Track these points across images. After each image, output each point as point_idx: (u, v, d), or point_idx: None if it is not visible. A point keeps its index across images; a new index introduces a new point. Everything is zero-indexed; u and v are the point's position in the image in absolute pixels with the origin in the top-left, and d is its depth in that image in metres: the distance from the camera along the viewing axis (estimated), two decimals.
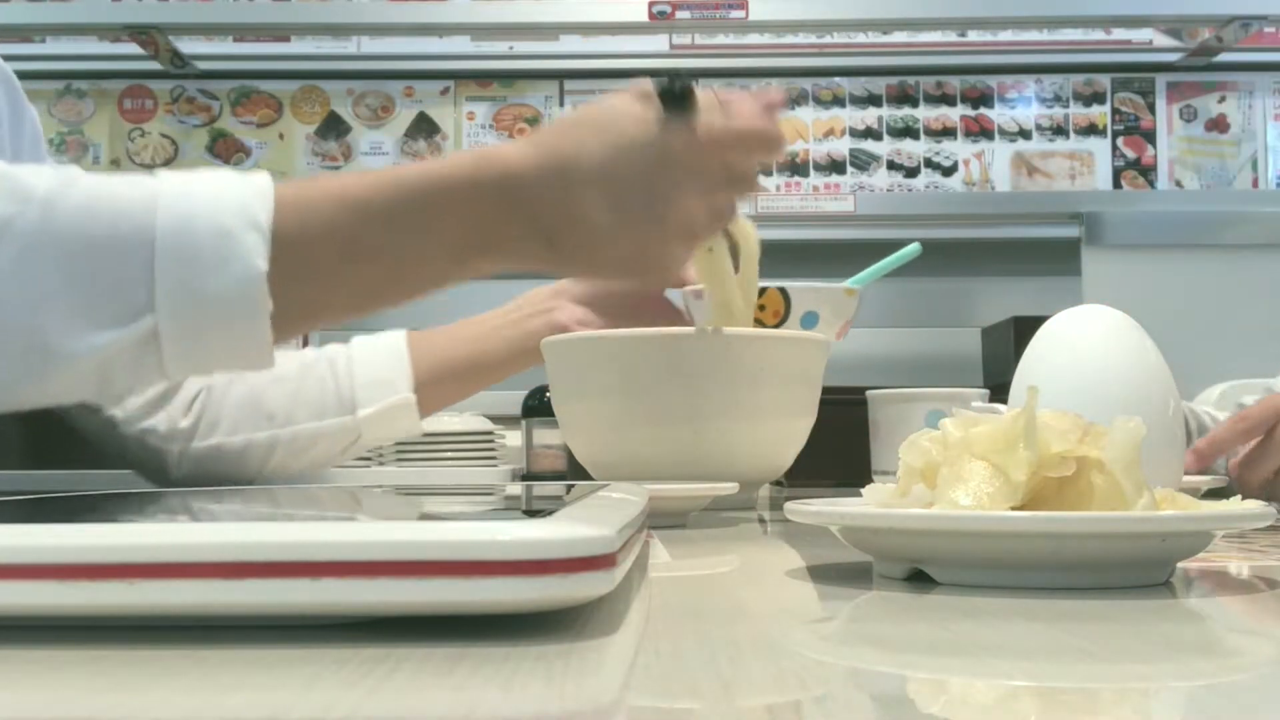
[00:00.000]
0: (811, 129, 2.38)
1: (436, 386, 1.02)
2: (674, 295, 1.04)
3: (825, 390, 0.92)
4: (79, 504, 0.45)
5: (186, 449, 0.98)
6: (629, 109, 0.73)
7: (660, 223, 0.73)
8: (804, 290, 0.93)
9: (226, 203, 0.63)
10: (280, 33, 2.34)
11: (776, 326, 0.93)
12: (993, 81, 2.38)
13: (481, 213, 0.70)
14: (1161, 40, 2.33)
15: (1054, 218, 2.20)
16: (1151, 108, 2.37)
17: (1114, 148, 2.36)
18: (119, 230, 0.62)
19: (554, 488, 0.72)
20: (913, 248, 1.02)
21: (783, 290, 0.92)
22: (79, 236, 0.62)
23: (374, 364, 1.02)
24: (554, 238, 0.72)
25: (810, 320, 0.94)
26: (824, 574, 0.47)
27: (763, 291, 0.93)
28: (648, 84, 0.75)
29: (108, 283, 0.62)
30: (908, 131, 2.37)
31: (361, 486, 0.97)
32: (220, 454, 0.98)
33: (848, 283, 0.97)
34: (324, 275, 0.67)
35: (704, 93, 0.74)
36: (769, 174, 2.37)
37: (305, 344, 1.29)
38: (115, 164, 2.35)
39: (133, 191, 0.63)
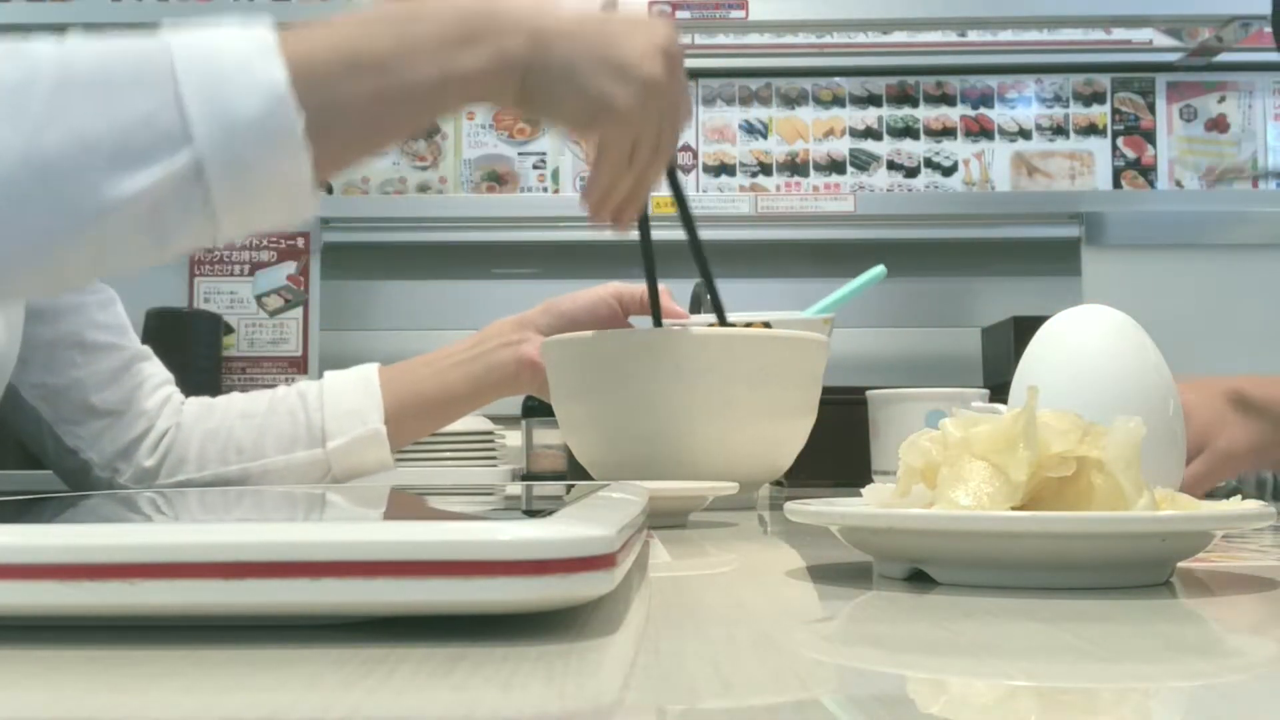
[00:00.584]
0: (811, 129, 2.38)
1: (405, 420, 1.03)
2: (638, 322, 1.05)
3: (825, 390, 0.92)
4: (79, 504, 0.46)
5: (154, 487, 0.99)
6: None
7: (634, 74, 0.74)
8: (786, 322, 0.94)
9: (236, 38, 0.65)
10: None
11: None
12: (993, 81, 2.38)
13: (460, 21, 0.70)
14: (1161, 40, 2.33)
15: (1054, 218, 2.20)
16: (1151, 108, 2.37)
17: (1114, 148, 2.36)
18: (140, 71, 0.63)
19: (554, 488, 0.72)
20: (878, 270, 1.03)
21: (766, 325, 0.93)
22: (102, 82, 0.62)
23: (345, 396, 1.02)
24: (535, 42, 0.73)
25: None
26: (824, 574, 0.47)
27: (747, 326, 0.94)
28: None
29: (140, 119, 0.62)
30: (908, 131, 2.37)
31: (361, 487, 0.97)
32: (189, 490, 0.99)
33: (816, 311, 0.98)
34: (335, 88, 0.67)
35: None
36: (769, 174, 2.37)
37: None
38: None
39: (141, 39, 0.64)
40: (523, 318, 1.06)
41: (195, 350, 1.97)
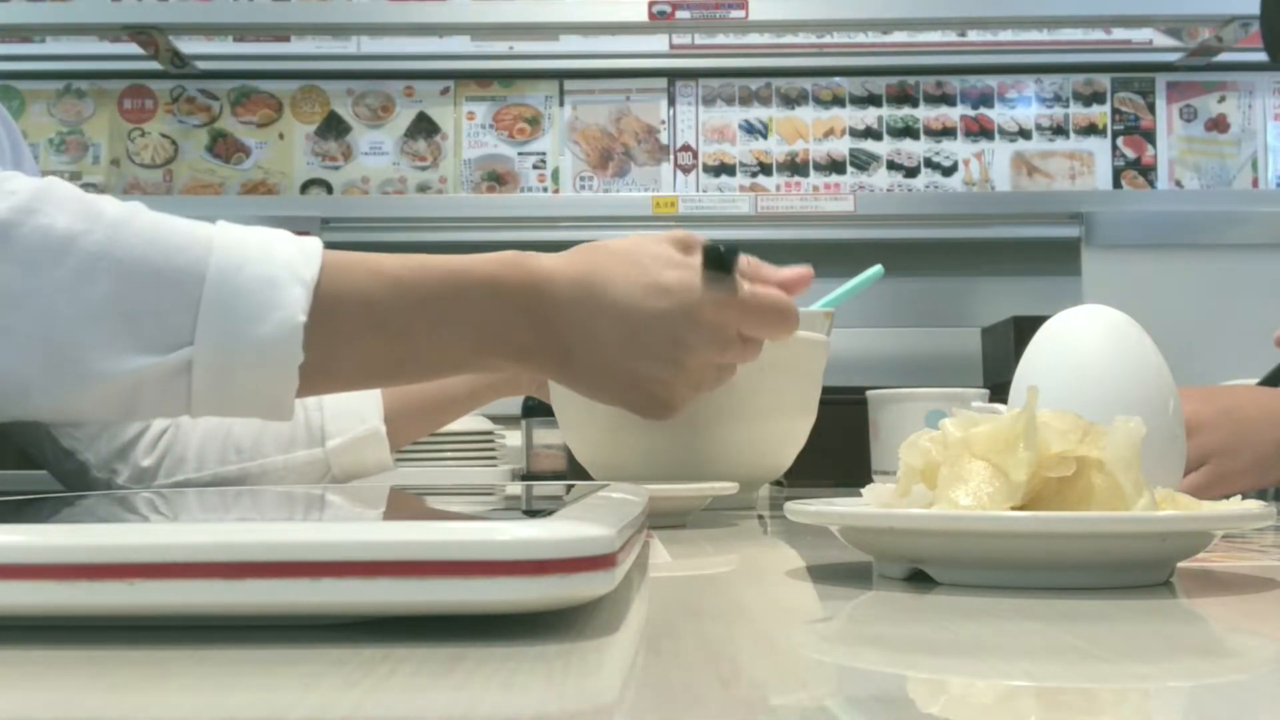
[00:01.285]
0: (811, 129, 2.38)
1: (404, 420, 1.03)
2: None
3: (825, 390, 0.92)
4: (78, 504, 0.45)
5: (152, 487, 0.99)
6: (668, 254, 0.76)
7: (674, 371, 0.75)
8: None
9: (277, 255, 0.66)
10: (280, 33, 2.34)
11: None
12: (993, 81, 2.38)
13: (500, 314, 0.72)
14: (1161, 40, 2.33)
15: (1054, 218, 2.20)
16: (1151, 108, 2.37)
17: (1114, 148, 2.36)
18: (174, 263, 0.64)
19: (554, 488, 0.72)
20: (875, 270, 1.03)
21: None
22: (137, 262, 0.63)
23: (344, 397, 1.02)
24: (568, 355, 0.74)
25: None
26: (824, 574, 0.47)
27: None
28: (688, 234, 0.78)
29: (155, 310, 0.64)
30: (908, 131, 2.37)
31: (361, 487, 0.97)
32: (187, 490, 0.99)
33: (820, 305, 0.98)
34: (352, 342, 0.69)
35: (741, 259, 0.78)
36: (769, 174, 2.37)
37: None
38: (115, 164, 2.35)
39: (191, 230, 0.66)
40: None
41: None
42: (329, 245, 0.70)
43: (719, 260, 0.75)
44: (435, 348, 0.72)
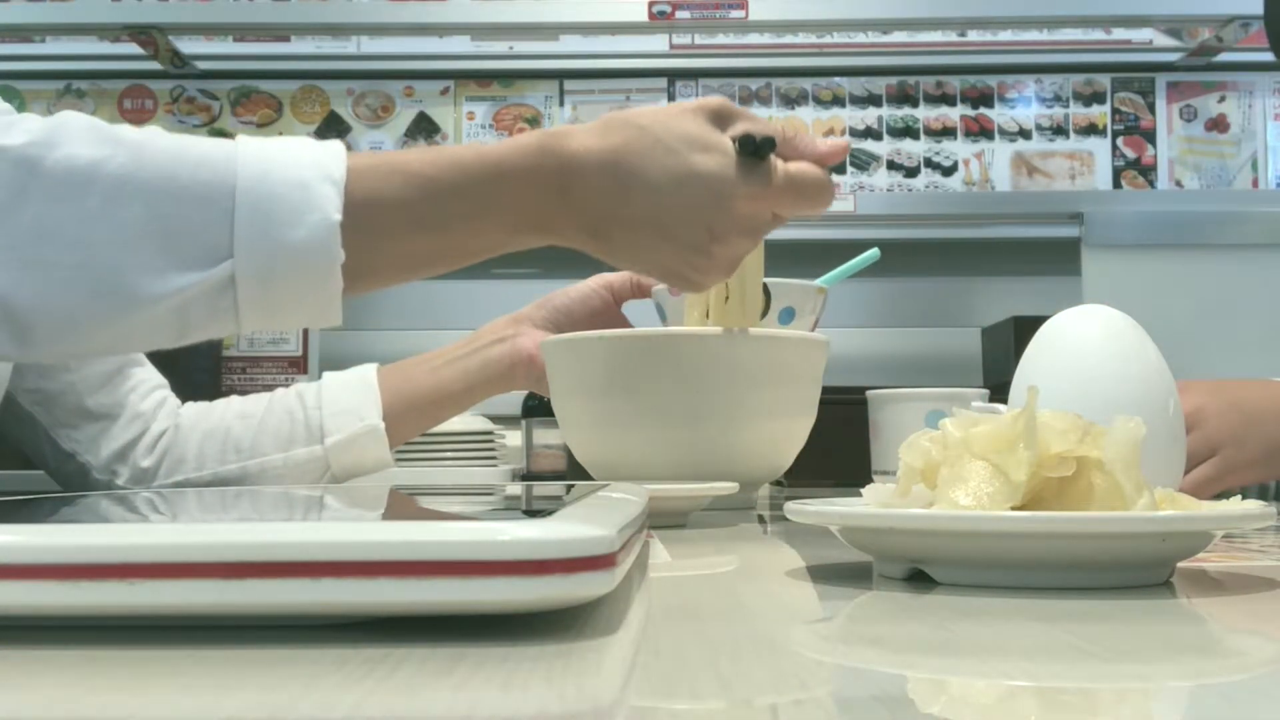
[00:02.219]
0: (811, 129, 2.38)
1: (402, 418, 1.03)
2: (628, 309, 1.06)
3: (825, 390, 0.92)
4: (78, 504, 0.45)
5: (152, 488, 0.99)
6: (702, 135, 0.74)
7: (704, 257, 0.75)
8: (783, 286, 0.93)
9: (304, 158, 0.66)
10: (280, 33, 2.34)
11: None
12: (993, 81, 2.38)
13: (535, 198, 0.72)
14: (1161, 40, 2.33)
15: (1054, 218, 2.20)
16: (1151, 108, 2.37)
17: (1114, 147, 2.36)
18: (200, 177, 0.64)
19: (554, 488, 0.72)
20: (872, 253, 1.03)
21: (764, 285, 0.92)
22: (165, 182, 0.64)
23: (343, 394, 1.02)
24: (599, 232, 0.74)
25: (787, 315, 0.94)
26: (824, 574, 0.47)
27: None
28: (723, 103, 0.76)
29: (190, 227, 0.64)
30: (908, 131, 2.37)
31: (361, 486, 0.97)
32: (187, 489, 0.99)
33: (818, 282, 0.97)
34: (387, 239, 0.69)
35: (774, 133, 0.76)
36: None
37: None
38: None
39: (213, 145, 0.66)
40: (518, 315, 1.07)
41: (195, 349, 1.97)
42: None
43: (755, 149, 0.74)
44: (471, 237, 0.72)
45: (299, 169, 0.66)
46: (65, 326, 0.64)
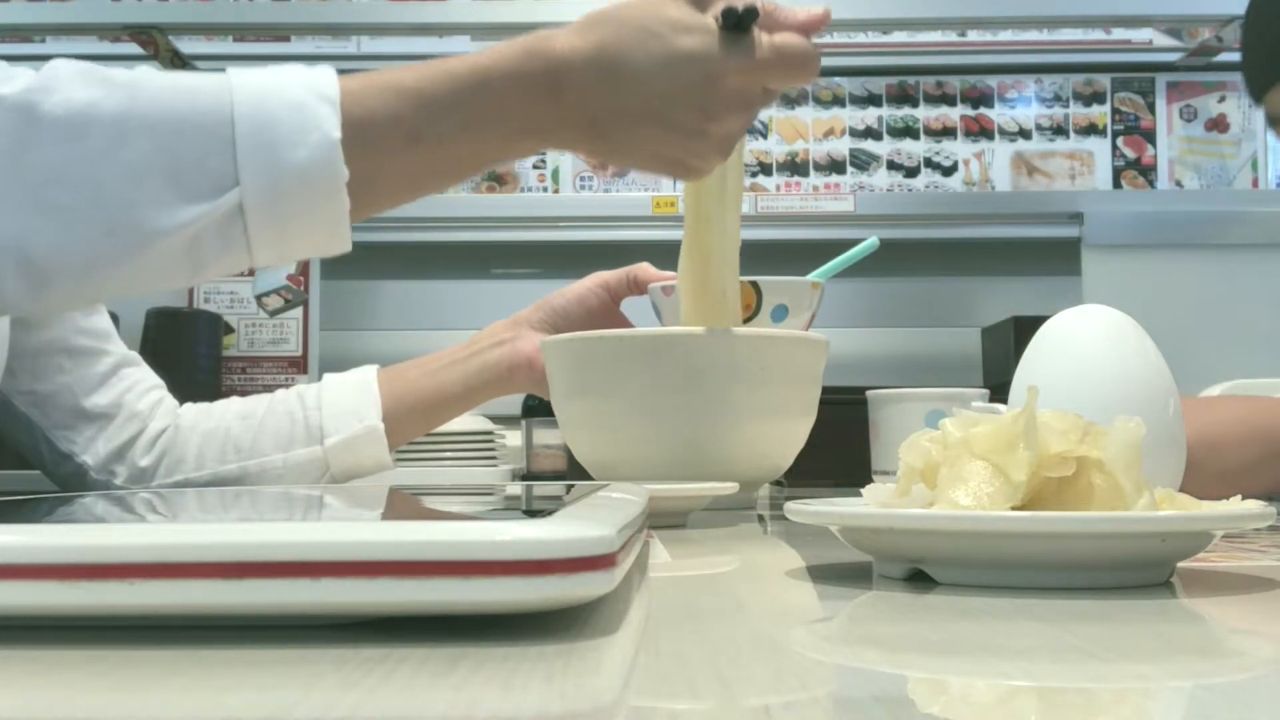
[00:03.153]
0: (811, 129, 2.38)
1: (401, 420, 1.03)
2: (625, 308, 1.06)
3: (825, 390, 0.92)
4: (77, 504, 0.45)
5: (151, 488, 0.99)
6: (685, 18, 0.74)
7: (700, 139, 0.75)
8: (774, 284, 0.93)
9: (296, 81, 0.67)
10: (280, 33, 2.34)
11: (747, 320, 0.92)
12: (993, 81, 2.38)
13: (527, 102, 0.72)
14: (1161, 40, 2.33)
15: (1054, 218, 2.20)
16: (1151, 108, 2.37)
17: (1114, 147, 2.36)
18: (199, 108, 0.65)
19: (554, 488, 0.72)
20: (871, 242, 1.02)
21: (754, 284, 0.91)
22: (163, 116, 0.64)
23: (343, 396, 1.02)
24: (596, 126, 0.74)
25: (780, 314, 0.93)
26: (824, 574, 0.47)
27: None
28: None
29: (193, 158, 0.64)
30: (908, 131, 2.37)
31: (361, 487, 0.97)
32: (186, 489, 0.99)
33: (811, 276, 0.97)
34: (387, 155, 0.70)
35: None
36: (769, 174, 2.37)
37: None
38: None
39: (205, 77, 0.67)
40: (516, 317, 1.07)
41: (195, 350, 1.97)
42: None
43: (737, 21, 0.74)
44: (469, 147, 0.72)
45: (294, 91, 0.66)
46: (82, 270, 0.64)
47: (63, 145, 0.63)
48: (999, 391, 0.80)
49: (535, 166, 2.36)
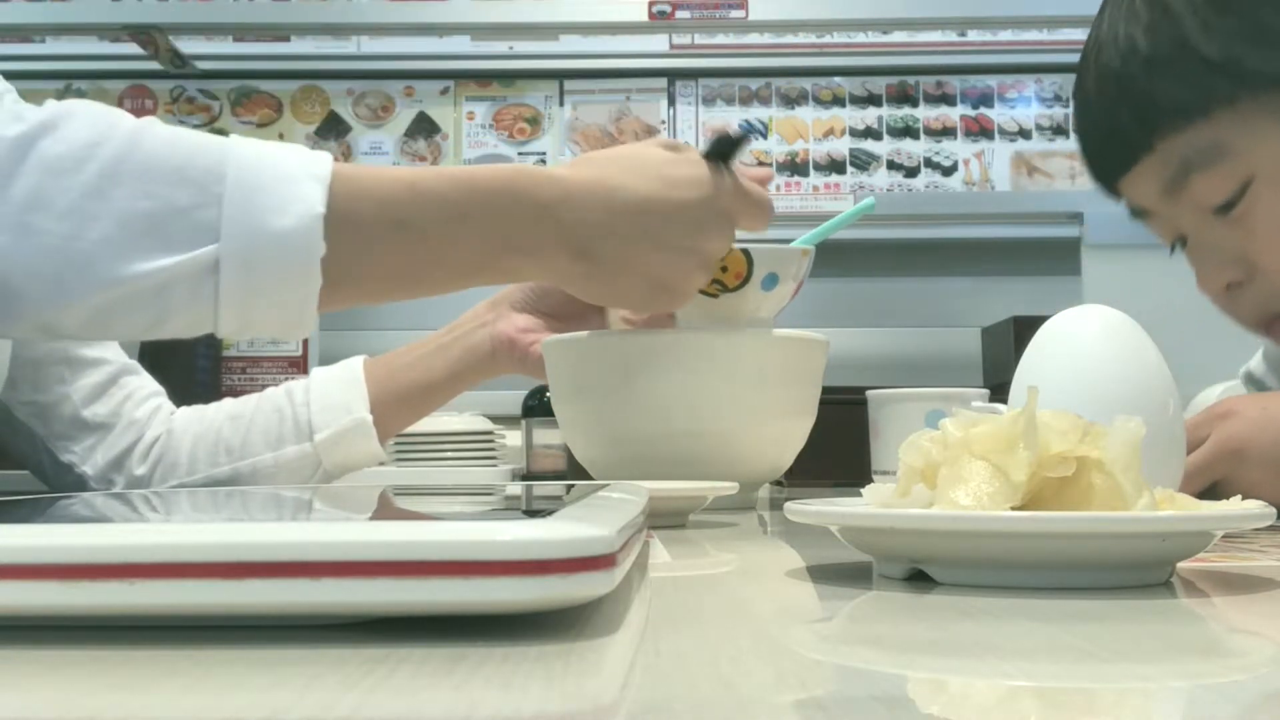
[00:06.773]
0: (811, 129, 2.38)
1: (389, 410, 1.03)
2: None
3: (825, 390, 0.92)
4: (77, 504, 0.45)
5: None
6: (666, 154, 0.79)
7: (690, 258, 0.78)
8: (765, 252, 0.90)
9: (290, 156, 0.68)
10: (280, 33, 2.34)
11: (738, 288, 0.89)
12: (993, 81, 2.38)
13: (518, 212, 0.73)
14: None
15: (1054, 218, 2.20)
16: None
17: None
18: (194, 163, 0.66)
19: (554, 488, 0.72)
20: (868, 202, 1.01)
21: (745, 252, 0.89)
22: (159, 164, 0.66)
23: (331, 390, 1.02)
24: (586, 251, 0.75)
25: (770, 281, 0.90)
26: (824, 574, 0.47)
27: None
28: (668, 139, 0.84)
29: (179, 210, 0.65)
30: (908, 131, 2.38)
31: (360, 486, 0.97)
32: None
33: (799, 242, 0.94)
34: (373, 244, 0.70)
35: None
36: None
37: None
38: None
39: (206, 137, 0.68)
40: (497, 297, 1.06)
41: (195, 350, 1.97)
42: None
43: (723, 152, 0.79)
44: (455, 249, 0.73)
45: (288, 165, 0.67)
46: (49, 298, 0.64)
47: (58, 177, 0.64)
48: (999, 391, 0.80)
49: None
